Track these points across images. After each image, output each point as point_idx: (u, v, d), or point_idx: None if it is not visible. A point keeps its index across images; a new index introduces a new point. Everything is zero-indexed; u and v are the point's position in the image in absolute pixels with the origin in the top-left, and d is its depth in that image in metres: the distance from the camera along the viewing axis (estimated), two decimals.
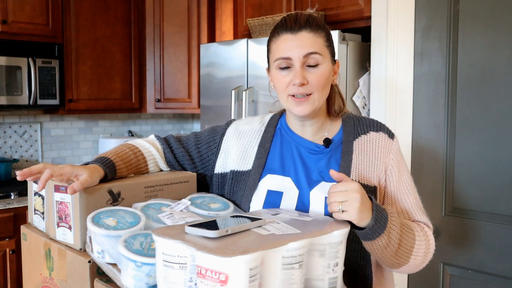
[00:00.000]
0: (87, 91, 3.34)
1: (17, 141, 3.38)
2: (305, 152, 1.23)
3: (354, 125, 1.24)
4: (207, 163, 1.32)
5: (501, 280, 2.01)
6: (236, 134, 1.31)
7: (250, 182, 1.23)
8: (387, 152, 1.21)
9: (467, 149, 2.09)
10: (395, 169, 1.21)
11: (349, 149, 1.20)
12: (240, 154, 1.28)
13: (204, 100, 3.04)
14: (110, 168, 1.15)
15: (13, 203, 2.78)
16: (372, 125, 1.24)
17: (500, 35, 1.99)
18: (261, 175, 1.23)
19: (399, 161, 1.22)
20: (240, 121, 1.36)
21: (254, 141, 1.29)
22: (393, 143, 1.23)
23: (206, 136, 1.34)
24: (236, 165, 1.27)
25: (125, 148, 1.26)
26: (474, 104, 2.06)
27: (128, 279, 0.92)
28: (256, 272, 0.80)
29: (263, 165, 1.24)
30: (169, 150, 1.32)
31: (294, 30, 1.14)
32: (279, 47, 1.16)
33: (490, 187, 2.02)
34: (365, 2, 2.40)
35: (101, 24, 3.38)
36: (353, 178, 1.17)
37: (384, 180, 1.20)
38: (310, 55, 1.13)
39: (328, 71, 1.16)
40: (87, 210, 1.04)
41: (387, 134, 1.23)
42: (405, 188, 1.21)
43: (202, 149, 1.33)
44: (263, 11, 2.96)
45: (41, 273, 1.17)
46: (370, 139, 1.22)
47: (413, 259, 1.12)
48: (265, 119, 1.33)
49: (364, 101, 2.43)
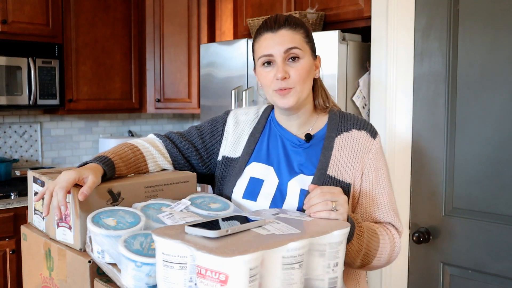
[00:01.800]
0: (87, 91, 3.34)
1: (17, 141, 3.38)
2: (288, 145, 1.29)
3: (339, 122, 1.28)
4: (212, 152, 1.38)
5: (501, 280, 2.00)
6: (234, 122, 1.38)
7: (237, 168, 1.31)
8: (367, 151, 1.24)
9: (467, 149, 2.09)
10: (373, 169, 1.24)
11: (330, 145, 1.25)
12: (233, 142, 1.36)
13: (204, 100, 3.04)
14: (109, 167, 1.16)
15: (13, 203, 2.78)
16: (355, 123, 1.28)
17: (500, 35, 1.99)
18: (247, 162, 1.31)
19: (377, 160, 1.25)
20: (239, 110, 1.43)
21: (247, 130, 1.36)
22: (374, 142, 1.26)
23: (208, 127, 1.40)
24: (228, 152, 1.36)
25: (124, 147, 1.27)
26: (474, 104, 2.06)
27: (128, 279, 0.92)
28: (256, 272, 0.80)
29: (251, 153, 1.32)
30: (173, 146, 1.35)
31: (274, 29, 1.22)
32: (262, 46, 1.23)
33: (490, 187, 2.02)
34: (365, 2, 2.40)
35: (101, 24, 3.38)
36: (329, 173, 1.22)
37: (360, 178, 1.23)
38: (290, 50, 1.20)
39: (308, 65, 1.22)
40: (87, 210, 1.04)
41: (369, 133, 1.27)
42: (380, 188, 1.25)
43: (206, 139, 1.38)
44: (263, 11, 2.96)
45: (41, 273, 1.17)
46: (352, 137, 1.26)
47: (376, 261, 1.17)
48: (260, 111, 1.39)
49: (364, 101, 2.43)
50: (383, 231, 1.19)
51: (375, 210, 1.24)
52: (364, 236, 1.12)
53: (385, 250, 1.18)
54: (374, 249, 1.16)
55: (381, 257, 1.18)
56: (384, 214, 1.24)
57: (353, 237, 1.09)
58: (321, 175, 1.21)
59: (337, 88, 2.32)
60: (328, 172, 1.22)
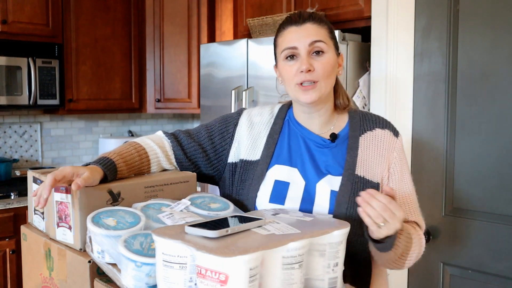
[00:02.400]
0: (87, 91, 3.34)
1: (17, 141, 3.38)
2: (312, 145, 1.25)
3: (361, 121, 1.27)
4: (221, 153, 1.33)
5: (501, 280, 2.00)
6: (248, 124, 1.33)
7: (258, 172, 1.25)
8: (391, 149, 1.23)
9: (467, 149, 2.09)
10: (398, 168, 1.23)
11: (355, 145, 1.22)
12: (250, 144, 1.30)
13: (204, 100, 3.04)
14: (111, 170, 1.14)
15: (13, 203, 2.78)
16: (378, 122, 1.27)
17: (500, 35, 1.99)
18: (268, 165, 1.25)
19: (401, 159, 1.24)
20: (252, 110, 1.37)
21: (264, 131, 1.31)
22: (398, 141, 1.25)
23: (219, 127, 1.35)
24: (246, 155, 1.30)
25: (131, 148, 1.25)
26: (474, 104, 2.06)
27: (128, 279, 0.92)
28: (256, 272, 0.80)
29: (271, 155, 1.27)
30: (179, 148, 1.32)
31: (299, 22, 1.20)
32: (285, 39, 1.21)
33: (490, 187, 2.02)
34: (365, 2, 2.40)
35: (101, 24, 3.38)
36: (358, 173, 1.19)
37: (387, 178, 1.22)
38: (315, 43, 1.18)
39: (333, 60, 1.20)
40: (87, 210, 1.04)
41: (392, 132, 1.26)
42: (406, 187, 1.23)
43: (216, 140, 1.33)
44: (263, 11, 2.96)
45: (41, 273, 1.17)
46: (376, 136, 1.24)
47: (407, 263, 1.16)
48: (275, 110, 1.35)
49: (364, 101, 2.43)
50: (414, 232, 1.17)
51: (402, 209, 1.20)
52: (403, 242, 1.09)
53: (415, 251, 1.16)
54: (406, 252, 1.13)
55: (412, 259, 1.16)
56: (411, 213, 1.22)
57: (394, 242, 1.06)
58: (350, 175, 1.19)
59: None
60: (357, 172, 1.19)
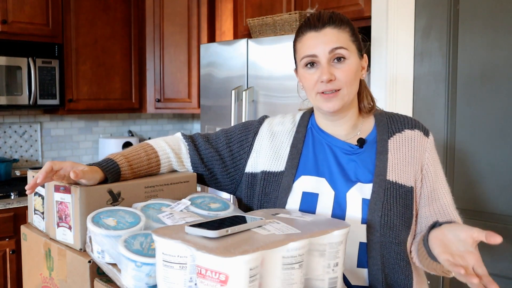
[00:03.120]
0: (87, 91, 3.34)
1: (17, 141, 3.38)
2: (339, 152, 1.20)
3: (388, 123, 1.22)
4: (238, 162, 1.29)
5: (501, 280, 2.01)
6: (269, 134, 1.28)
7: (284, 184, 1.20)
8: (423, 150, 1.19)
9: (467, 149, 2.09)
10: (431, 168, 1.19)
11: (384, 148, 1.18)
12: (272, 155, 1.25)
13: (204, 100, 3.04)
14: (113, 173, 1.13)
15: (13, 203, 2.78)
16: (406, 123, 1.22)
17: (500, 35, 1.99)
18: (295, 177, 1.20)
19: (434, 159, 1.21)
20: (274, 119, 1.33)
21: (286, 141, 1.26)
22: (429, 140, 1.21)
23: (238, 134, 1.31)
24: (268, 166, 1.24)
25: (141, 151, 1.22)
26: (474, 104, 2.06)
27: (128, 279, 0.92)
28: (256, 272, 0.80)
29: (296, 166, 1.21)
30: (195, 152, 1.29)
31: (318, 27, 1.14)
32: (304, 46, 1.16)
33: (490, 187, 2.02)
34: (365, 2, 2.40)
35: (101, 24, 3.38)
36: (389, 178, 1.15)
37: (421, 179, 1.18)
38: (336, 50, 1.13)
39: (355, 65, 1.16)
40: (87, 210, 1.04)
41: (422, 131, 1.21)
42: (442, 187, 1.19)
43: (234, 148, 1.29)
44: (263, 11, 2.96)
45: (41, 273, 1.17)
46: (405, 137, 1.19)
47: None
48: (296, 118, 1.30)
49: None
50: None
51: (438, 209, 1.17)
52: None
53: None
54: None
55: None
56: (449, 213, 1.18)
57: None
58: (381, 181, 1.14)
59: None
60: (388, 178, 1.14)
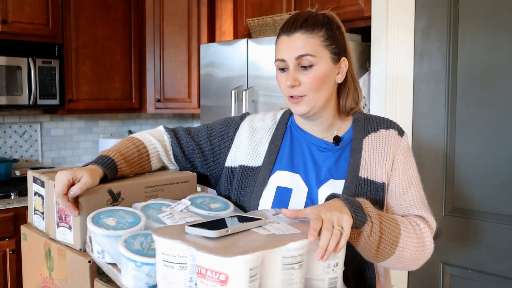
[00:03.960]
0: (87, 91, 3.34)
1: (17, 141, 3.38)
2: (315, 150, 1.23)
3: (365, 123, 1.25)
4: (218, 156, 1.31)
5: (501, 280, 2.01)
6: (249, 130, 1.31)
7: (260, 178, 1.23)
8: (396, 147, 1.21)
9: (467, 149, 2.09)
10: (400, 164, 1.21)
11: (359, 147, 1.21)
12: (251, 150, 1.28)
13: (204, 100, 3.04)
14: (111, 169, 1.14)
15: (13, 203, 2.78)
16: (382, 123, 1.25)
17: (500, 35, 1.99)
18: (271, 171, 1.23)
19: (405, 156, 1.22)
20: (255, 116, 1.36)
21: (266, 138, 1.29)
22: (402, 140, 1.23)
23: (219, 129, 1.33)
24: (246, 161, 1.27)
25: (129, 144, 1.24)
26: (474, 104, 2.06)
27: (128, 279, 0.92)
28: (256, 272, 0.80)
29: (273, 161, 1.24)
30: (177, 145, 1.31)
31: (289, 32, 1.16)
32: (278, 49, 1.19)
33: (490, 187, 2.02)
34: (365, 2, 2.40)
35: (101, 24, 3.38)
36: (362, 175, 1.17)
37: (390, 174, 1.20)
38: (302, 57, 1.14)
39: (323, 71, 1.15)
40: (87, 210, 1.04)
41: (397, 131, 1.24)
42: (408, 182, 1.20)
43: (215, 141, 1.32)
44: (263, 11, 2.96)
45: (41, 273, 1.17)
46: (380, 136, 1.22)
47: (400, 251, 1.06)
48: (277, 116, 1.33)
49: (364, 101, 2.43)
50: (405, 221, 1.10)
51: (401, 203, 1.17)
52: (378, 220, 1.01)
53: (409, 240, 1.07)
54: (394, 236, 1.04)
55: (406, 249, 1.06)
56: (412, 207, 1.17)
57: (364, 220, 0.98)
58: (353, 177, 1.17)
59: None
60: (360, 174, 1.17)
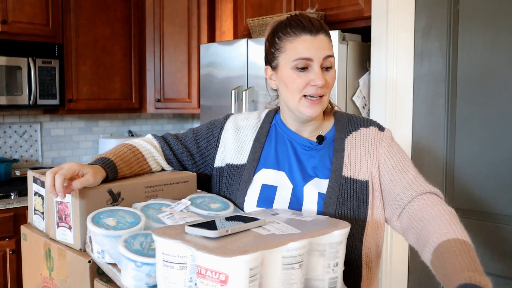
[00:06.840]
0: (87, 91, 3.34)
1: (17, 141, 3.38)
2: (299, 148, 1.26)
3: (346, 123, 1.28)
4: (207, 158, 1.34)
5: (501, 280, 2.01)
6: (234, 128, 1.33)
7: (245, 176, 1.26)
8: (379, 143, 1.23)
9: (467, 149, 2.09)
10: (389, 156, 1.21)
11: (341, 147, 1.23)
12: (236, 148, 1.31)
13: (204, 100, 3.04)
14: (111, 169, 1.15)
15: (13, 203, 2.78)
16: (362, 122, 1.28)
17: (500, 35, 1.99)
18: (255, 169, 1.26)
19: (391, 146, 1.23)
20: (239, 115, 1.38)
21: (250, 136, 1.31)
22: (384, 134, 1.25)
23: (205, 131, 1.36)
24: (232, 159, 1.30)
25: (123, 148, 1.26)
26: (474, 104, 2.06)
27: (128, 279, 0.92)
28: (256, 272, 0.80)
29: (258, 159, 1.27)
30: (168, 148, 1.33)
31: (313, 32, 1.16)
32: (299, 47, 1.16)
33: (490, 187, 2.02)
34: (365, 2, 2.40)
35: (101, 24, 3.38)
36: (345, 174, 1.19)
37: (378, 170, 1.20)
38: (328, 58, 1.17)
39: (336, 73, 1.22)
40: (87, 210, 1.04)
41: (377, 127, 1.26)
42: (402, 166, 1.20)
43: (202, 144, 1.34)
44: (263, 11, 2.96)
45: (41, 273, 1.17)
46: (361, 135, 1.24)
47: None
48: (262, 115, 1.36)
49: (364, 101, 2.43)
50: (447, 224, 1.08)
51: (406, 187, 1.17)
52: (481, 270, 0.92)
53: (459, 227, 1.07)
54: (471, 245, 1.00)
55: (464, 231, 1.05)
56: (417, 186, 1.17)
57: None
58: (337, 177, 1.19)
59: (337, 88, 2.32)
60: (344, 173, 1.19)
